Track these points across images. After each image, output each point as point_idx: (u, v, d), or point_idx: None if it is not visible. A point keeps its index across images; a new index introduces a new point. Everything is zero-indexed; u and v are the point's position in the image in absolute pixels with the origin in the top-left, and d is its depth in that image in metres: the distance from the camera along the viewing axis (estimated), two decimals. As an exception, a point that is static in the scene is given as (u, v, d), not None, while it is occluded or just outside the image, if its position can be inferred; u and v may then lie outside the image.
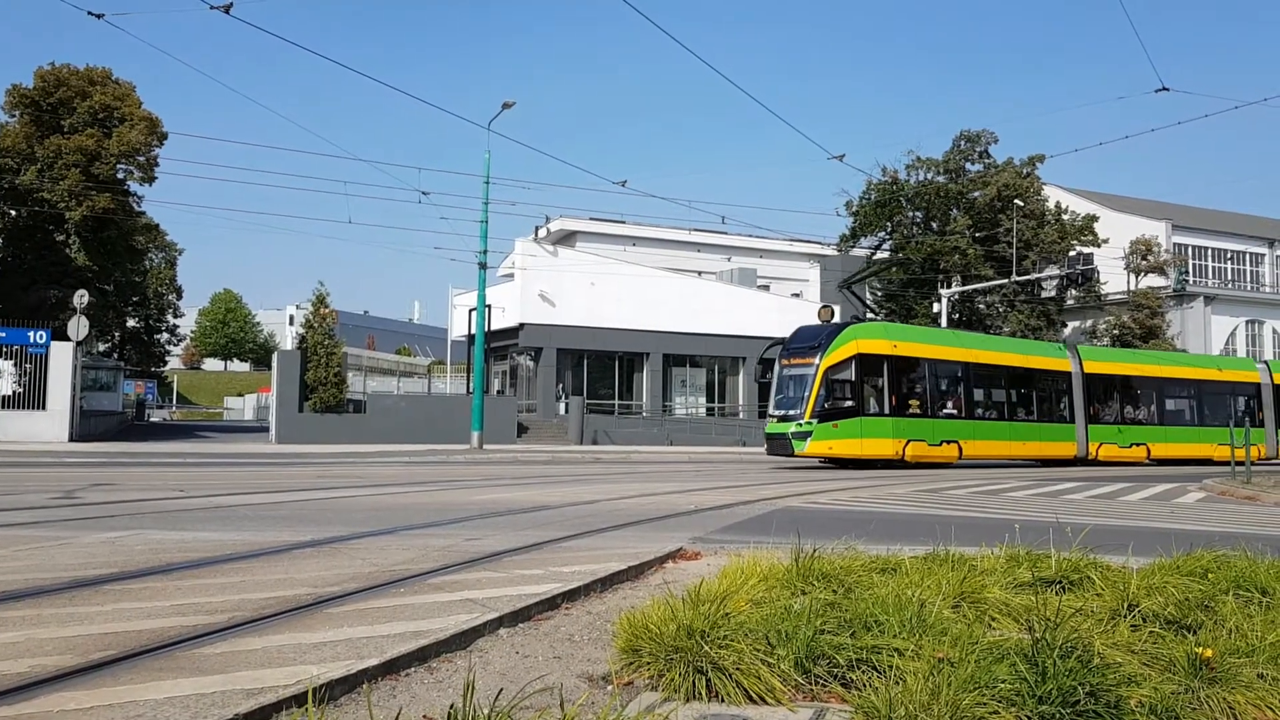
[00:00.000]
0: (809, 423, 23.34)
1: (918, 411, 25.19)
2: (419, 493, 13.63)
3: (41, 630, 4.36)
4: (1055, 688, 3.32)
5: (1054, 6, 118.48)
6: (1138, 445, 30.32)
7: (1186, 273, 56.71)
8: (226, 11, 16.58)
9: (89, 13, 17.76)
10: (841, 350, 23.99)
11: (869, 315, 26.70)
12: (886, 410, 24.37)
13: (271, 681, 3.56)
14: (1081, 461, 29.03)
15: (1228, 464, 30.43)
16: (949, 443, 25.65)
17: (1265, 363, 35.59)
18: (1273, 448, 33.62)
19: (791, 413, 23.83)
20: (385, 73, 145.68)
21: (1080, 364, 29.82)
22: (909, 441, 24.49)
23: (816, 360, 23.76)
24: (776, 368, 25.30)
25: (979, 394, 27.85)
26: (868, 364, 24.36)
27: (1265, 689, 3.63)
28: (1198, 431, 32.02)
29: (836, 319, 26.68)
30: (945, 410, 26.21)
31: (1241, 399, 33.61)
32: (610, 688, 3.80)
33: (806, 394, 23.61)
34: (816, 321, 27.09)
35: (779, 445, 24.01)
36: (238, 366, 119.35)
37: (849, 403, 23.71)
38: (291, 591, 5.37)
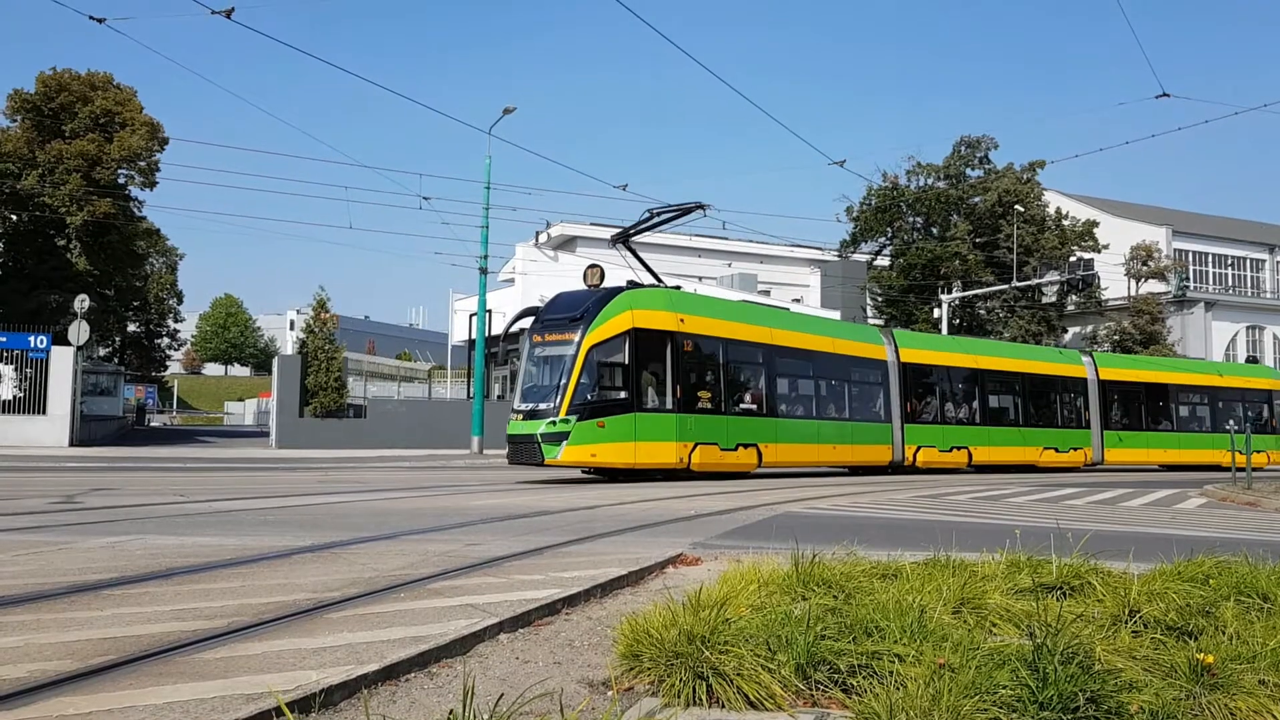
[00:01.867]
0: (565, 420, 17.85)
1: (709, 407, 20.03)
2: (419, 498, 13.62)
3: (41, 635, 4.36)
4: (1056, 694, 3.31)
5: (1055, 13, 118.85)
6: (959, 449, 26.37)
7: (1187, 278, 56.81)
8: (228, 16, 16.61)
9: (91, 17, 17.82)
10: (612, 323, 18.57)
11: (650, 282, 21.25)
12: (670, 404, 19.12)
13: (271, 686, 3.55)
14: (898, 468, 24.95)
15: (1055, 469, 28.26)
16: (746, 446, 20.75)
17: (1091, 355, 32.26)
18: (1098, 451, 30.37)
19: (542, 406, 18.20)
20: (386, 78, 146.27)
21: (896, 351, 25.68)
22: (697, 445, 19.45)
23: (578, 336, 18.34)
24: (525, 347, 19.67)
25: (783, 385, 22.85)
26: (646, 342, 18.95)
27: (1267, 695, 3.62)
28: (1021, 433, 28.49)
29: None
30: (743, 405, 21.18)
31: (1068, 396, 30.35)
32: (610, 693, 3.79)
33: (563, 381, 18.11)
34: (609, 286, 20.72)
35: (524, 451, 18.30)
36: (238, 371, 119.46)
37: (620, 394, 18.42)
38: (291, 596, 5.36)
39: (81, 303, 28.90)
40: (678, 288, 21.60)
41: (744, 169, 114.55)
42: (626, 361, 18.54)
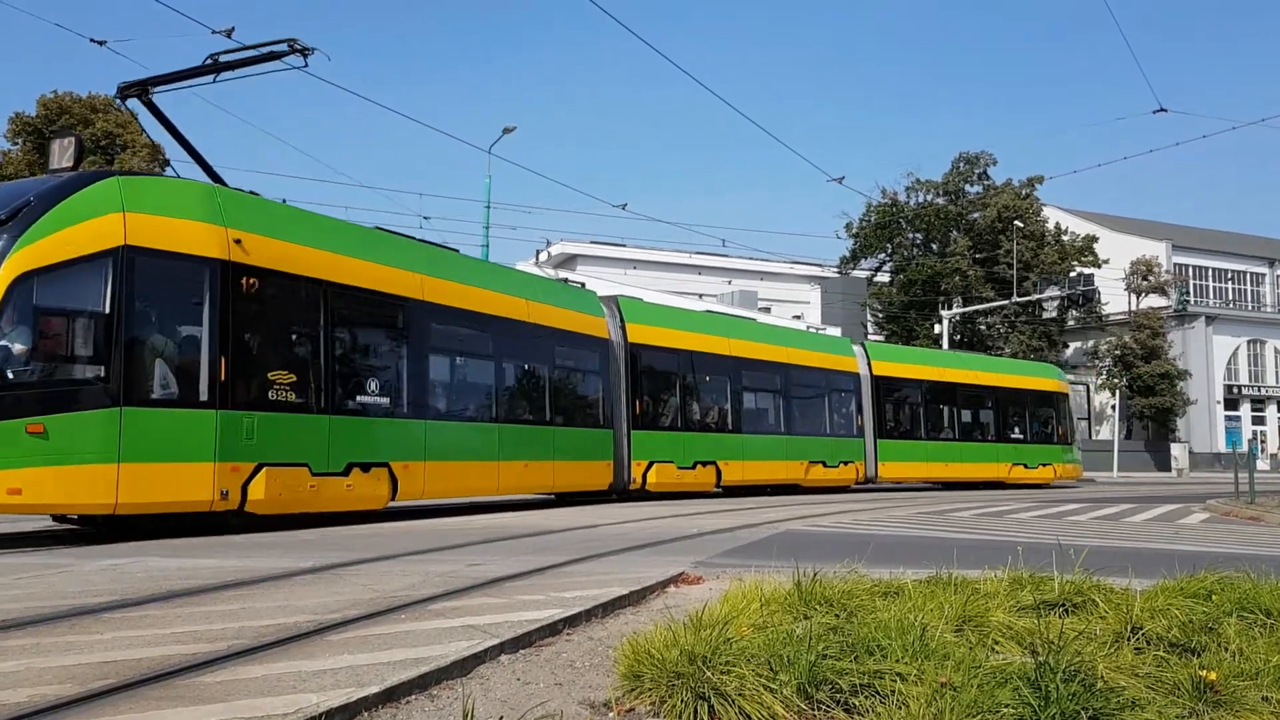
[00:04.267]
0: None
1: (291, 399, 11.87)
2: (420, 518, 13.60)
3: (41, 659, 4.35)
4: (1059, 712, 3.30)
5: (1051, 29, 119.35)
6: (705, 464, 20.01)
7: (1187, 293, 56.88)
8: (228, 36, 16.70)
9: (91, 39, 17.94)
10: (77, 234, 10.10)
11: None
12: (205, 393, 10.97)
13: (270, 710, 3.54)
14: (623, 492, 18.51)
15: (821, 489, 23.03)
16: (367, 468, 12.73)
17: (863, 345, 26.92)
18: (871, 465, 24.91)
19: None
20: (386, 97, 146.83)
21: (623, 328, 18.86)
22: (263, 467, 11.35)
23: None
24: None
25: (439, 369, 14.59)
26: (154, 273, 10.71)
27: (1270, 712, 3.61)
28: (785, 443, 22.35)
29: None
30: (363, 399, 12.96)
31: (839, 395, 24.42)
32: (611, 714, 3.78)
33: None
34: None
35: None
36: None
37: (91, 370, 10.05)
38: (292, 619, 5.35)
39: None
40: (253, 193, 12.49)
41: (743, 186, 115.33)
42: (107, 307, 10.20)
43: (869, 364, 25.31)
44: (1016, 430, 28.96)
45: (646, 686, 3.88)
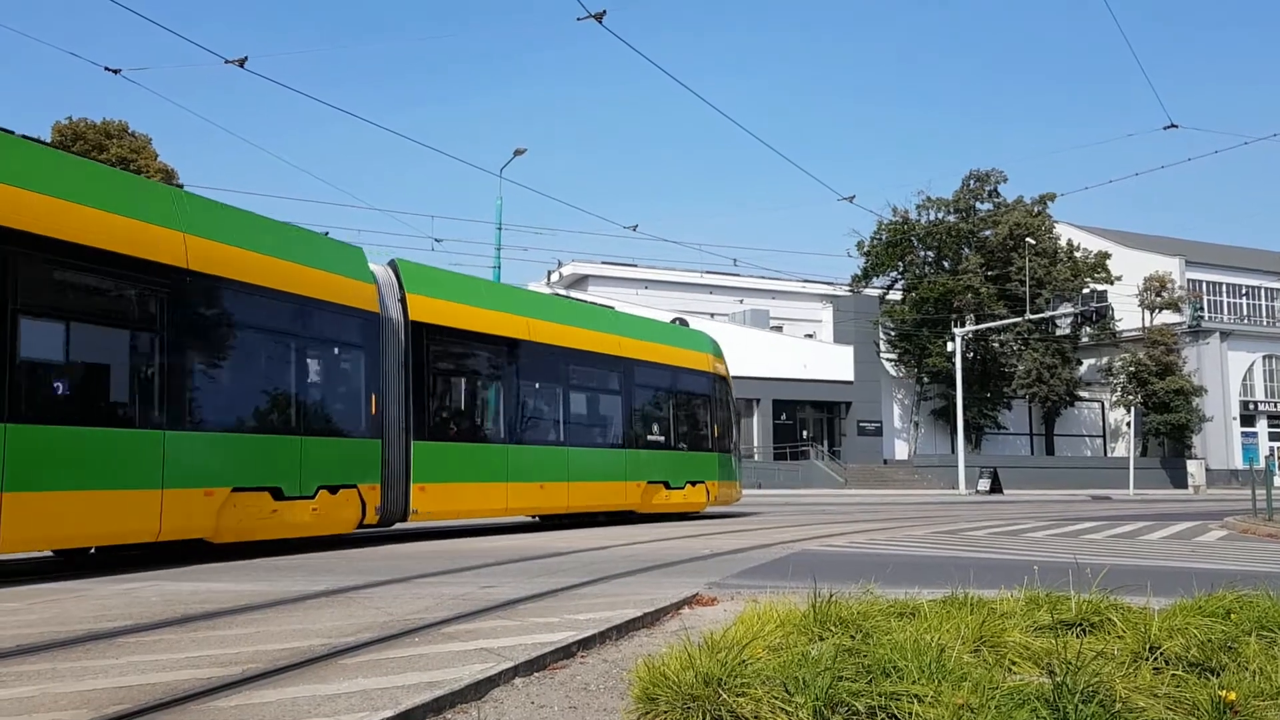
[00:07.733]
0: None
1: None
2: (433, 540, 13.59)
3: (57, 685, 4.35)
4: (1077, 734, 3.27)
5: (1061, 45, 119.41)
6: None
7: (1201, 308, 56.65)
8: (241, 65, 16.86)
9: (106, 68, 18.13)
10: None
11: None
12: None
13: (286, 734, 3.54)
14: None
15: (269, 547, 11.65)
16: None
17: (392, 265, 13.72)
18: (398, 489, 13.01)
19: None
20: (397, 122, 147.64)
21: None
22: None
23: None
24: None
25: None
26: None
27: (1292, 733, 3.57)
28: (160, 446, 9.56)
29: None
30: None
31: (332, 355, 12.33)
32: (626, 737, 3.76)
33: None
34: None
35: None
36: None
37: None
38: (306, 642, 5.35)
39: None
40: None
41: (755, 205, 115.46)
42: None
43: (403, 302, 13.48)
44: (656, 430, 18.45)
45: (661, 709, 3.87)
